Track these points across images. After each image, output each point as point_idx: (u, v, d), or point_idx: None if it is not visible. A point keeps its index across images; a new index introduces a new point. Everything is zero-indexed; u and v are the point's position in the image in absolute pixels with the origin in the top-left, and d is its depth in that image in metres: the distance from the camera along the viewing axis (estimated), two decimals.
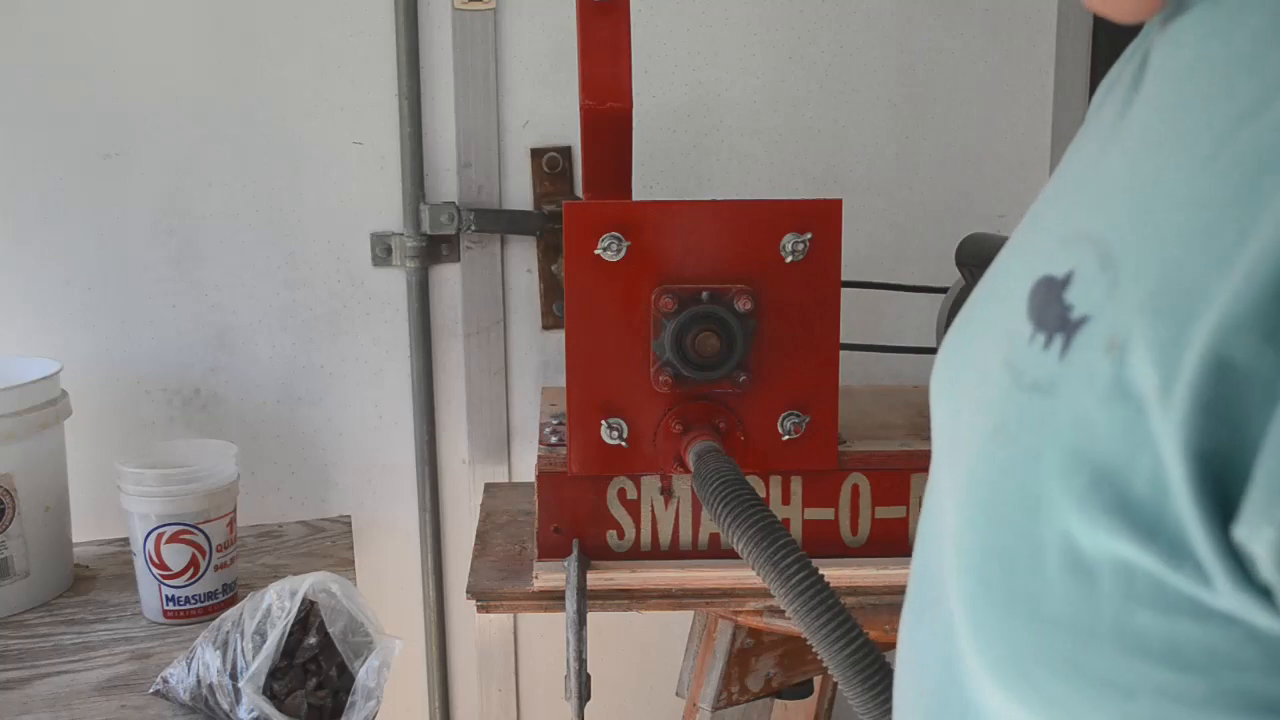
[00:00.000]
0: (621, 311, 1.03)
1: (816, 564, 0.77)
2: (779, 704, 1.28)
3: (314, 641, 0.94)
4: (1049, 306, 0.37)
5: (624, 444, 1.04)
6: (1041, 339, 0.36)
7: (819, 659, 0.76)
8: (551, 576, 1.08)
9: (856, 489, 1.10)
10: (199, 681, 0.95)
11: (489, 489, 1.40)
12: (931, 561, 0.46)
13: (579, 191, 1.45)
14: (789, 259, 1.03)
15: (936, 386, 0.50)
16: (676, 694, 1.24)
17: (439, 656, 1.55)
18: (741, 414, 1.04)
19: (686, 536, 1.10)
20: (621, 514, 1.09)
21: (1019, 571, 0.35)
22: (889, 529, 1.10)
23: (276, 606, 0.93)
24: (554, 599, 1.07)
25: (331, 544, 1.32)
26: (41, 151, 1.38)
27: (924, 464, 0.49)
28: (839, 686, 0.78)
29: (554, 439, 1.14)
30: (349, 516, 1.41)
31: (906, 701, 0.48)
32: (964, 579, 0.38)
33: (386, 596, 1.44)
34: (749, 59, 1.46)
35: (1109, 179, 0.39)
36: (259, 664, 0.91)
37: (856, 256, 1.15)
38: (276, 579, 0.97)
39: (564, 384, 1.06)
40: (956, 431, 0.43)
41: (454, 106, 1.42)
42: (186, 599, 1.11)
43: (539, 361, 1.50)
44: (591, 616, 1.04)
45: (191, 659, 0.96)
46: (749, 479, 0.87)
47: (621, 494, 1.09)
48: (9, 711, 0.97)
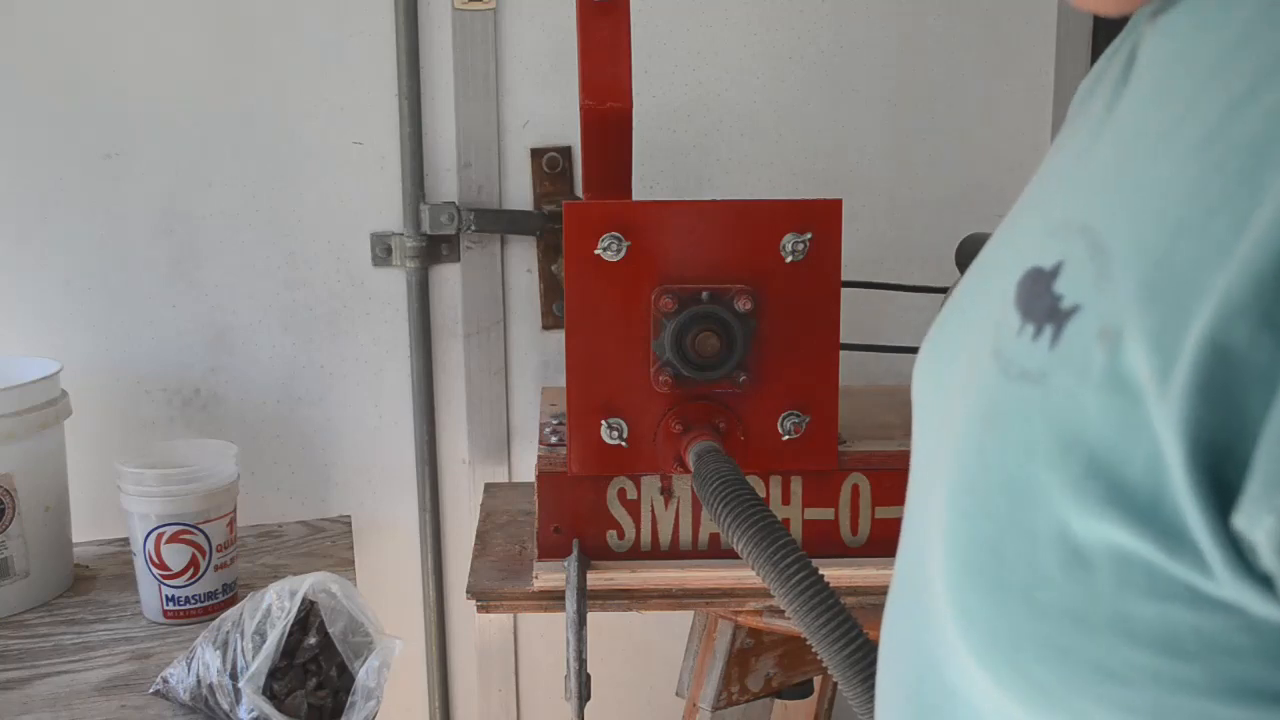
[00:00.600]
0: (621, 311, 1.03)
1: (816, 564, 0.77)
2: (779, 704, 1.28)
3: (314, 641, 0.94)
4: (1038, 297, 0.36)
5: (624, 444, 1.04)
6: (1031, 329, 0.36)
7: (819, 659, 0.76)
8: (551, 576, 1.08)
9: (856, 489, 1.10)
10: (199, 681, 0.95)
11: (489, 489, 1.40)
12: (914, 553, 0.46)
13: (579, 191, 1.45)
14: (789, 259, 1.03)
15: (920, 380, 0.50)
16: (676, 694, 1.24)
17: (439, 656, 1.55)
18: (741, 414, 1.04)
19: (686, 536, 1.10)
20: (621, 514, 1.09)
21: (1010, 560, 0.35)
22: (889, 529, 1.10)
23: (276, 606, 0.93)
24: (554, 599, 1.07)
25: (331, 544, 1.32)
26: (41, 151, 1.38)
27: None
28: (839, 686, 0.78)
29: (554, 439, 1.14)
30: (349, 516, 1.41)
31: (888, 692, 0.48)
32: (953, 568, 0.38)
33: (386, 596, 1.44)
34: (749, 59, 1.46)
35: (1096, 170, 0.39)
36: (259, 664, 0.91)
37: (856, 256, 1.15)
38: (276, 579, 0.97)
39: (564, 384, 1.06)
40: (943, 422, 0.43)
41: (454, 106, 1.43)
42: (186, 599, 1.11)
43: (539, 361, 1.50)
44: (591, 616, 1.04)
45: (191, 659, 0.96)
46: (749, 479, 0.87)
47: (621, 494, 1.09)
48: (9, 711, 0.97)
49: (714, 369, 1.02)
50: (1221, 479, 0.30)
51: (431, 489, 1.50)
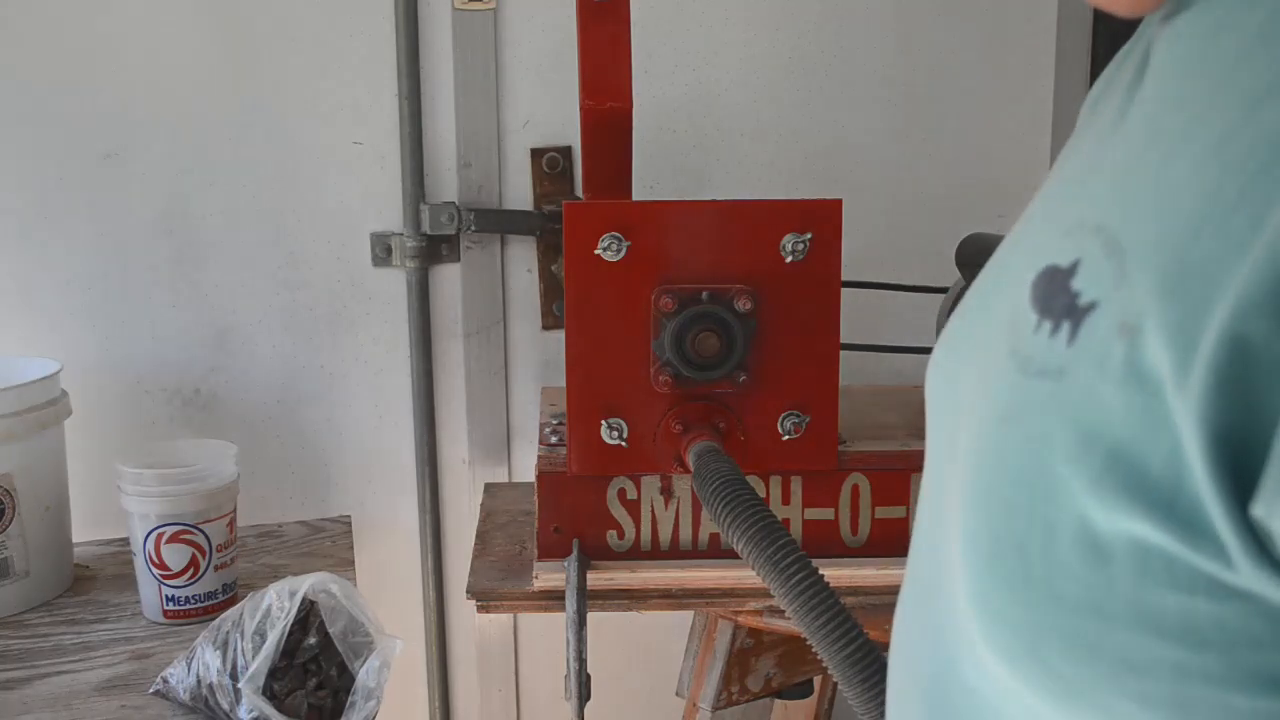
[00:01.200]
0: (621, 311, 1.03)
1: (816, 564, 0.77)
2: (779, 704, 1.28)
3: (314, 641, 0.94)
4: (1055, 295, 0.37)
5: (624, 444, 1.04)
6: (1048, 326, 0.37)
7: (819, 659, 0.75)
8: (551, 576, 1.08)
9: (856, 489, 1.10)
10: (199, 681, 0.95)
11: (489, 489, 1.40)
12: (928, 552, 0.46)
13: (579, 191, 1.45)
14: (789, 259, 1.03)
15: (934, 382, 0.50)
16: (676, 694, 1.24)
17: (439, 656, 1.55)
18: (741, 414, 1.04)
19: (686, 536, 1.10)
20: (621, 514, 1.09)
21: (1031, 555, 0.36)
22: (889, 529, 1.10)
23: (276, 606, 0.93)
24: (554, 599, 1.07)
25: (331, 544, 1.32)
26: (41, 151, 1.38)
27: (923, 464, 0.49)
28: (839, 686, 0.78)
29: (554, 439, 1.14)
30: (349, 516, 1.41)
31: (902, 693, 0.48)
32: (974, 564, 0.38)
33: (386, 596, 1.44)
34: (749, 59, 1.46)
35: (1111, 171, 0.39)
36: (259, 664, 0.91)
37: (856, 256, 1.14)
38: (276, 579, 0.97)
39: (564, 384, 1.06)
40: (957, 423, 0.43)
41: (454, 106, 1.43)
42: (186, 599, 1.11)
43: (539, 361, 1.50)
44: (591, 616, 1.04)
45: (191, 659, 0.96)
46: (749, 479, 0.87)
47: (621, 494, 1.09)
48: (9, 711, 0.97)
49: (714, 369, 1.02)
50: (1240, 469, 0.31)
51: (431, 489, 1.50)
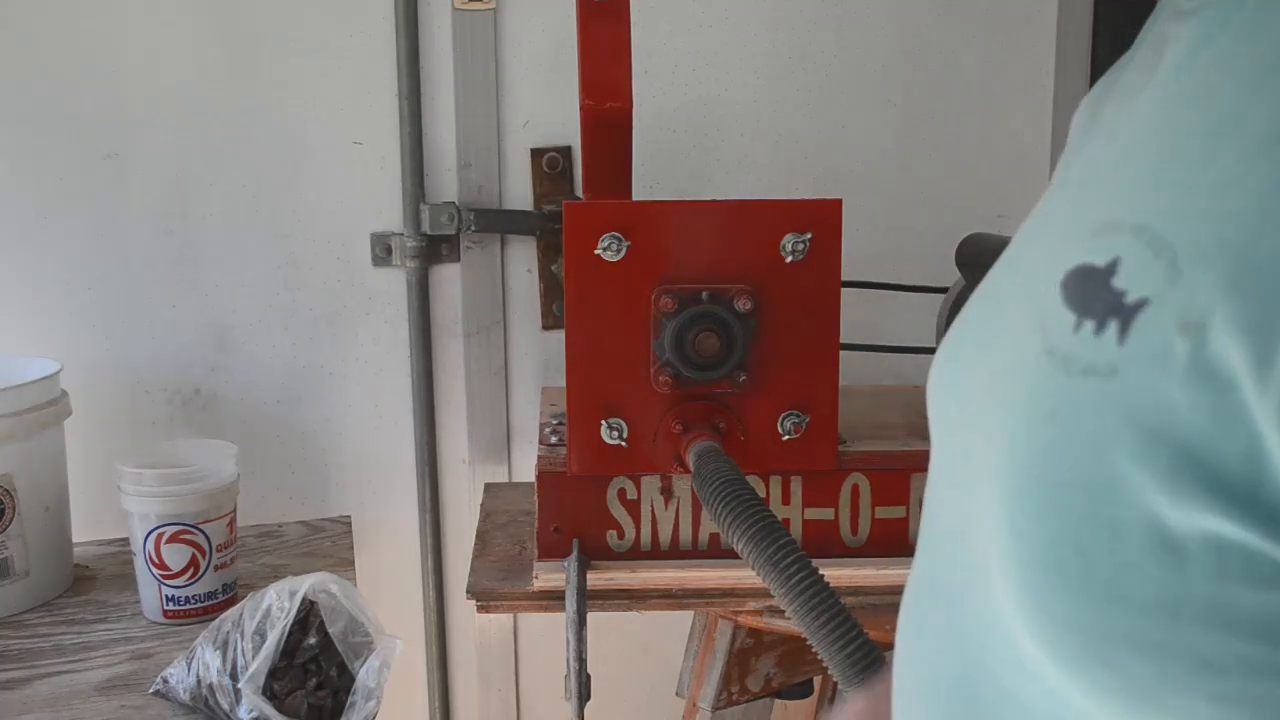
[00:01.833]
0: (621, 311, 1.03)
1: (816, 564, 0.77)
2: (779, 704, 1.28)
3: (314, 641, 0.94)
4: (1094, 294, 0.37)
5: (624, 444, 1.04)
6: (1091, 325, 0.37)
7: (819, 659, 0.76)
8: (551, 576, 1.08)
9: (856, 489, 1.10)
10: (199, 681, 0.95)
11: (489, 489, 1.40)
12: (948, 557, 0.46)
13: (579, 191, 1.45)
14: (789, 259, 1.03)
15: (938, 388, 0.50)
16: (676, 694, 1.24)
17: (439, 656, 1.55)
18: (741, 414, 1.04)
19: (686, 536, 1.10)
20: (621, 514, 1.09)
21: (1095, 556, 0.35)
22: (889, 529, 1.10)
23: (276, 607, 0.93)
24: (554, 599, 1.07)
25: (331, 544, 1.32)
26: (41, 151, 1.38)
27: (924, 464, 0.49)
28: (839, 686, 0.78)
29: (554, 439, 1.14)
30: (349, 516, 1.41)
31: (915, 700, 0.48)
32: (1027, 569, 0.38)
33: (386, 596, 1.44)
34: (749, 59, 1.46)
35: (1138, 170, 0.39)
36: (259, 664, 0.91)
37: (856, 256, 1.14)
38: (276, 579, 0.97)
39: (564, 384, 1.06)
40: (976, 426, 0.42)
41: (454, 106, 1.43)
42: (186, 599, 1.11)
43: (539, 361, 1.50)
44: (591, 616, 1.04)
45: (191, 659, 0.96)
46: (749, 479, 0.87)
47: (621, 494, 1.09)
48: (9, 711, 0.97)
49: (714, 369, 1.02)
50: None
51: (431, 489, 1.50)
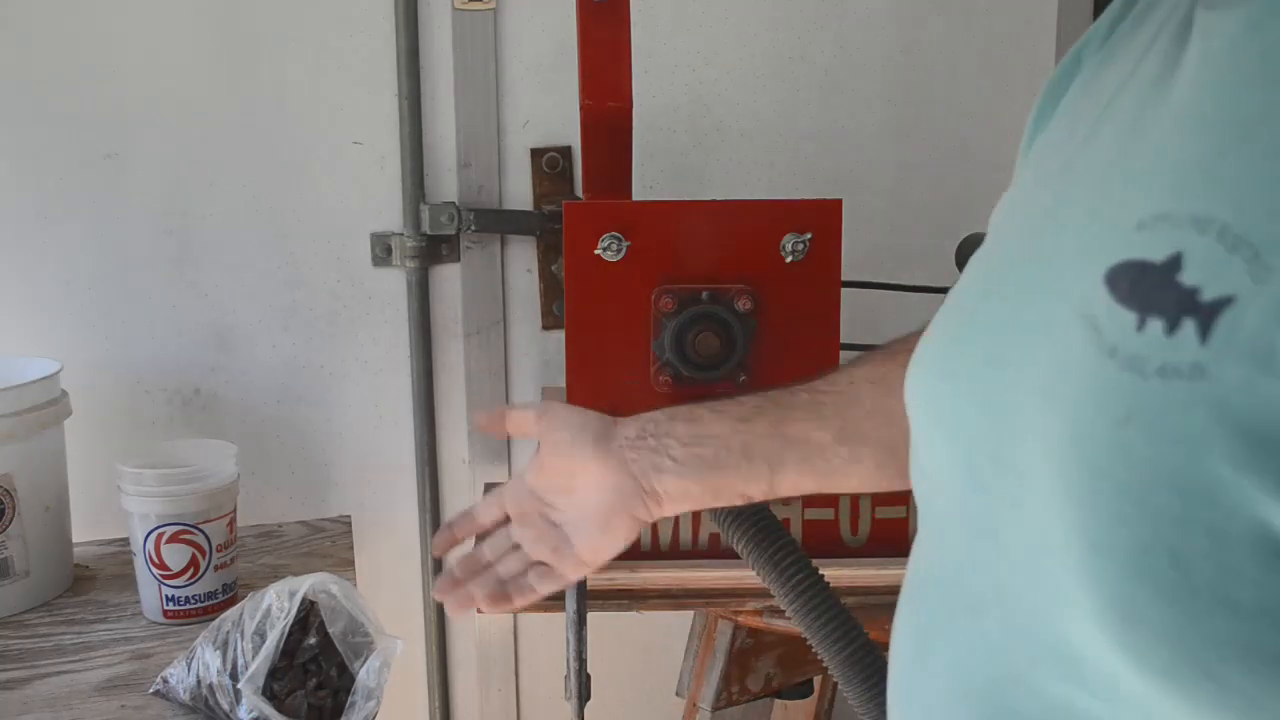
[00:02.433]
0: (621, 311, 1.03)
1: (816, 564, 0.77)
2: (779, 704, 1.28)
3: (314, 641, 0.94)
4: (1155, 290, 0.36)
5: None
6: (1160, 324, 0.35)
7: (819, 659, 0.76)
8: None
9: None
10: (199, 681, 0.95)
11: (489, 489, 1.40)
12: (978, 565, 0.44)
13: (579, 191, 1.45)
14: (789, 259, 1.03)
15: (928, 389, 0.49)
16: (676, 694, 1.24)
17: (439, 656, 1.55)
18: None
19: (686, 536, 1.10)
20: None
21: (1194, 562, 0.34)
22: (889, 529, 1.10)
23: (276, 607, 0.93)
24: (554, 599, 1.07)
25: (331, 544, 1.32)
26: (41, 151, 1.38)
27: None
28: (839, 686, 0.78)
29: None
30: (349, 516, 1.41)
31: (935, 711, 0.47)
32: (1109, 578, 0.36)
33: (386, 596, 1.44)
34: (749, 59, 1.46)
35: (1183, 160, 0.38)
36: (259, 664, 0.91)
37: (856, 256, 1.14)
38: (276, 579, 0.97)
39: (564, 384, 1.06)
40: (1010, 434, 0.41)
41: (454, 106, 1.42)
42: (186, 599, 1.11)
43: (539, 361, 1.50)
44: (591, 616, 1.04)
45: (191, 659, 0.96)
46: None
47: None
48: (9, 711, 0.97)
49: (714, 369, 1.02)
50: None
51: (431, 489, 1.50)
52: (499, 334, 1.48)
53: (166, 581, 1.10)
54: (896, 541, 1.10)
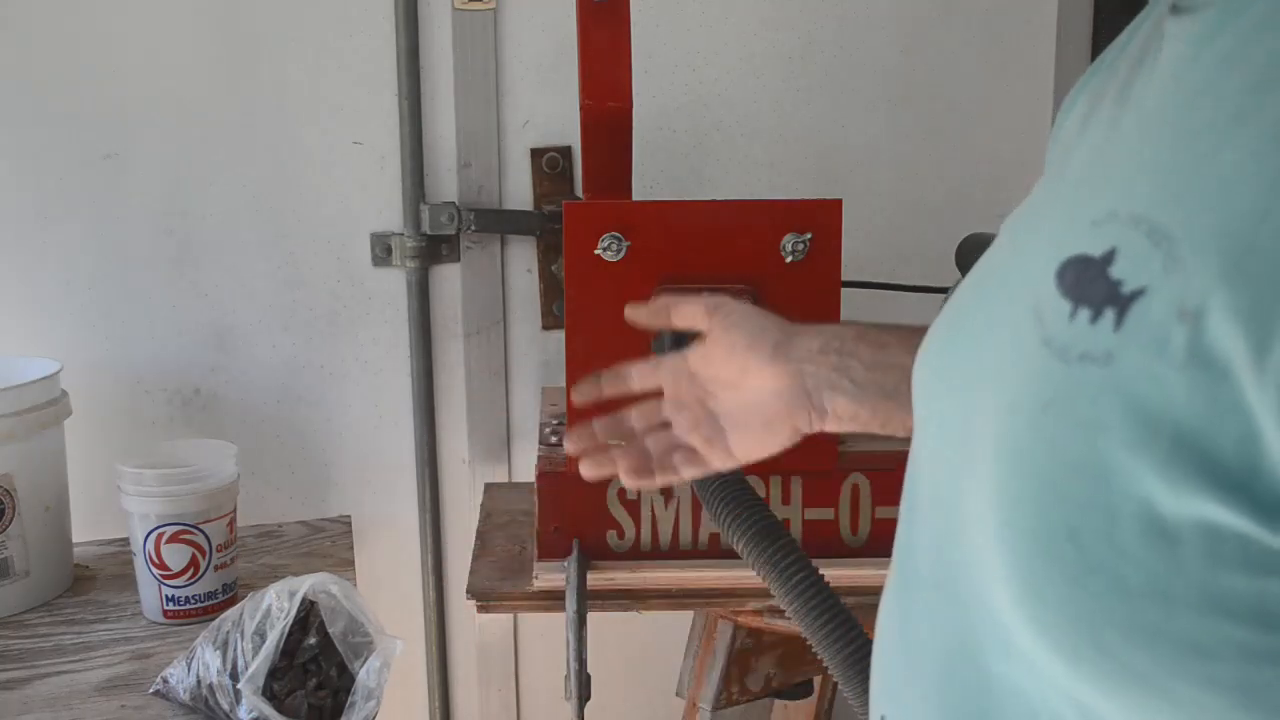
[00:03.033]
0: (621, 311, 1.03)
1: (816, 564, 0.77)
2: (779, 704, 1.28)
3: (314, 642, 0.94)
4: (1090, 283, 0.37)
5: (624, 444, 1.04)
6: (1087, 314, 0.37)
7: (819, 659, 0.76)
8: (551, 576, 1.08)
9: (856, 489, 1.10)
10: (199, 681, 0.95)
11: (489, 489, 1.40)
12: (931, 548, 0.46)
13: (579, 191, 1.45)
14: (789, 259, 1.03)
15: (929, 375, 0.50)
16: (676, 694, 1.24)
17: (439, 656, 1.55)
18: None
19: (686, 536, 1.10)
20: (621, 514, 1.09)
21: (1089, 542, 0.35)
22: (889, 529, 1.09)
23: (276, 607, 0.93)
24: (554, 599, 1.07)
25: (331, 544, 1.32)
26: (41, 151, 1.38)
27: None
28: (839, 686, 0.78)
29: (554, 439, 1.14)
30: (349, 516, 1.41)
31: (898, 687, 0.48)
32: (1021, 555, 0.38)
33: (386, 596, 1.44)
34: (749, 59, 1.46)
35: (1139, 164, 0.39)
36: (259, 664, 0.91)
37: (856, 256, 1.14)
38: (276, 579, 0.97)
39: (564, 384, 1.06)
40: (971, 415, 0.43)
41: (454, 106, 1.42)
42: (186, 599, 1.11)
43: (539, 361, 1.50)
44: (591, 616, 1.04)
45: (191, 659, 0.96)
46: (749, 479, 0.87)
47: (621, 494, 1.09)
48: (9, 711, 0.97)
49: None
50: None
51: (431, 489, 1.50)
52: (499, 334, 1.48)
53: (166, 581, 1.10)
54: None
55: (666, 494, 1.09)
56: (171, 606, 1.11)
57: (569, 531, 1.09)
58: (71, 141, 1.38)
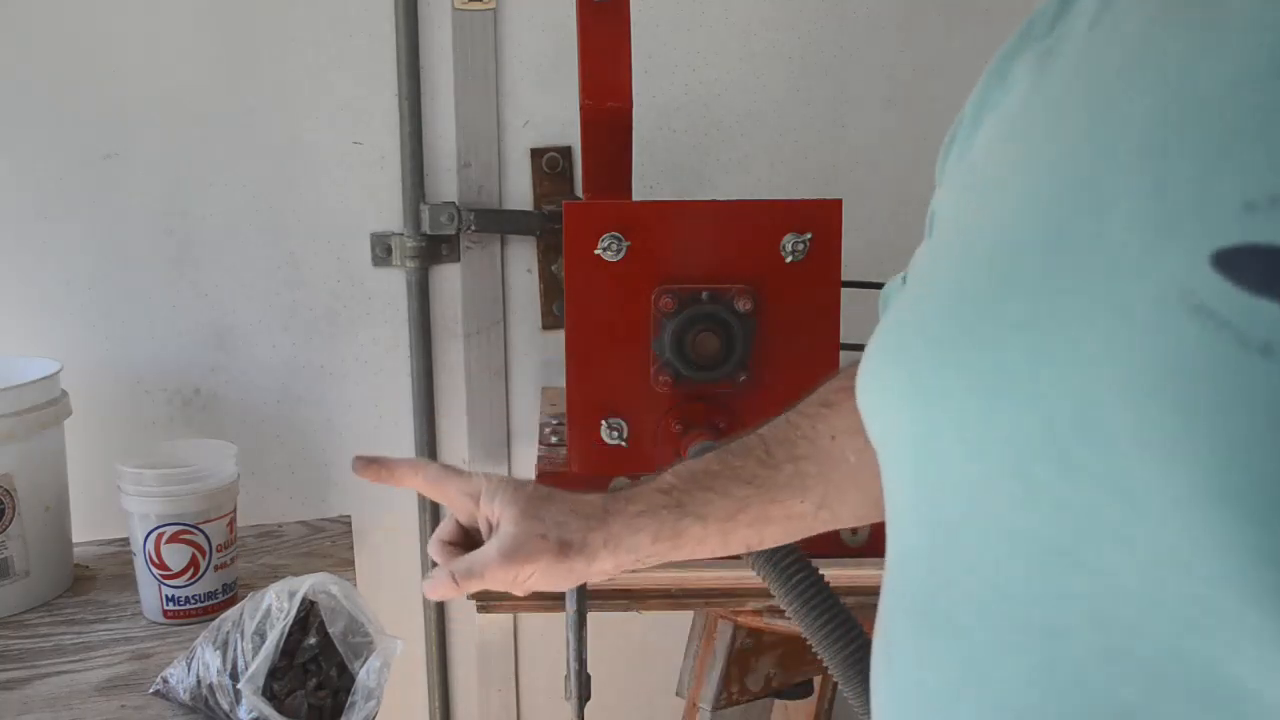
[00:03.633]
0: (621, 311, 1.03)
1: (816, 564, 0.77)
2: (779, 704, 1.28)
3: (314, 642, 0.94)
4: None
5: (624, 444, 1.04)
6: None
7: (819, 659, 0.76)
8: None
9: None
10: (199, 681, 0.95)
11: None
12: (960, 581, 0.43)
13: (579, 191, 1.45)
14: (789, 259, 1.03)
15: (921, 388, 0.46)
16: (676, 694, 1.24)
17: (439, 656, 1.55)
18: (741, 414, 1.04)
19: None
20: None
21: None
22: None
23: (276, 607, 0.93)
24: (554, 599, 1.07)
25: (331, 544, 1.32)
26: (41, 151, 1.38)
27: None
28: (839, 686, 0.78)
29: (554, 439, 1.14)
30: (349, 516, 1.41)
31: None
32: (1258, 512, 0.33)
33: (386, 596, 1.44)
34: (749, 59, 1.46)
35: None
36: (259, 664, 0.91)
37: (857, 256, 1.14)
38: (276, 579, 0.97)
39: (564, 384, 1.06)
40: (1058, 418, 0.38)
41: (454, 106, 1.43)
42: (186, 599, 1.11)
43: (539, 361, 1.50)
44: (591, 616, 1.04)
45: (191, 659, 0.96)
46: None
47: None
48: (9, 711, 0.97)
49: (714, 369, 1.02)
50: None
51: None
52: (499, 334, 1.48)
53: (166, 581, 1.10)
54: None
55: None
56: (171, 606, 1.11)
57: None
58: (71, 141, 1.38)
